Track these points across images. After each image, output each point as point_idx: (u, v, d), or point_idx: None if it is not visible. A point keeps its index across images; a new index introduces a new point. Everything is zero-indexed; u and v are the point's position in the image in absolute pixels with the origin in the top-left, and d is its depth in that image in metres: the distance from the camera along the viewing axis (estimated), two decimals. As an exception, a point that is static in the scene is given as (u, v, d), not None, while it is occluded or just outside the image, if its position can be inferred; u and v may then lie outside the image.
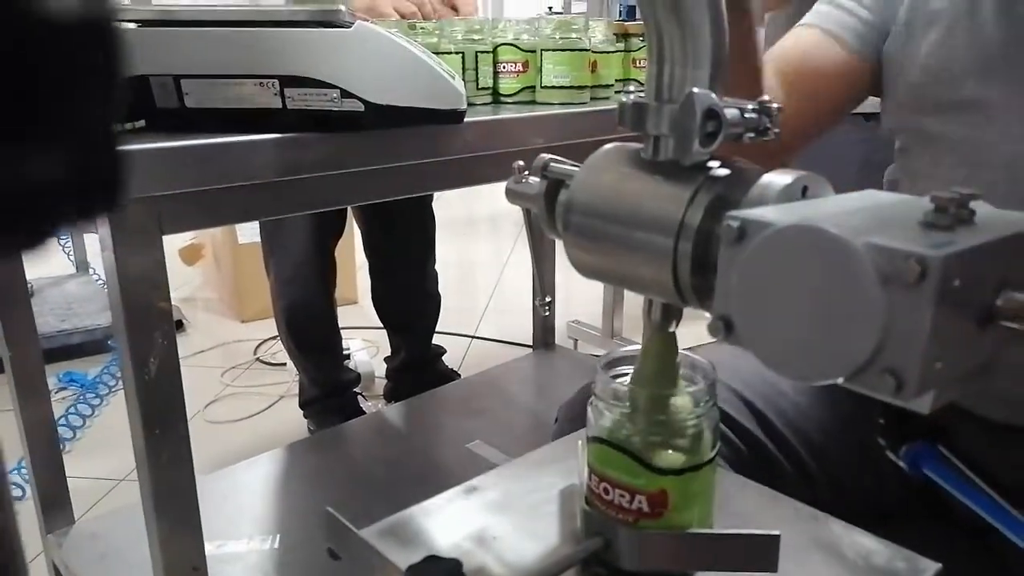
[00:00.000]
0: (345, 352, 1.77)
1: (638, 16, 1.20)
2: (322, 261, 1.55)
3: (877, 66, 0.73)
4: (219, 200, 0.70)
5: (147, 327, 0.68)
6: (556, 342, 1.86)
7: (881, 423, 0.31)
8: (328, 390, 1.62)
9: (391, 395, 1.78)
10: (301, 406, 1.65)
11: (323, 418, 1.59)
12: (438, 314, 1.81)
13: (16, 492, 1.41)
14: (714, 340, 0.32)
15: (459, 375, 1.83)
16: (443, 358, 1.85)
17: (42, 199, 0.16)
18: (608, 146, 0.42)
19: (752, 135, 0.36)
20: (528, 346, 1.90)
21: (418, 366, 1.77)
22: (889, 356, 0.28)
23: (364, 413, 1.61)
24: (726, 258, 0.32)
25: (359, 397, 1.69)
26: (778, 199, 0.34)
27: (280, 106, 0.71)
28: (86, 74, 0.17)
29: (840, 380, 0.29)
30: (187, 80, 0.70)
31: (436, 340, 1.84)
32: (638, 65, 1.18)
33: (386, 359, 1.83)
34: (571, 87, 1.02)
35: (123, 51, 0.18)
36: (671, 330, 0.42)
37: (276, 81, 0.70)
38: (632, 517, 0.42)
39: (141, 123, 0.73)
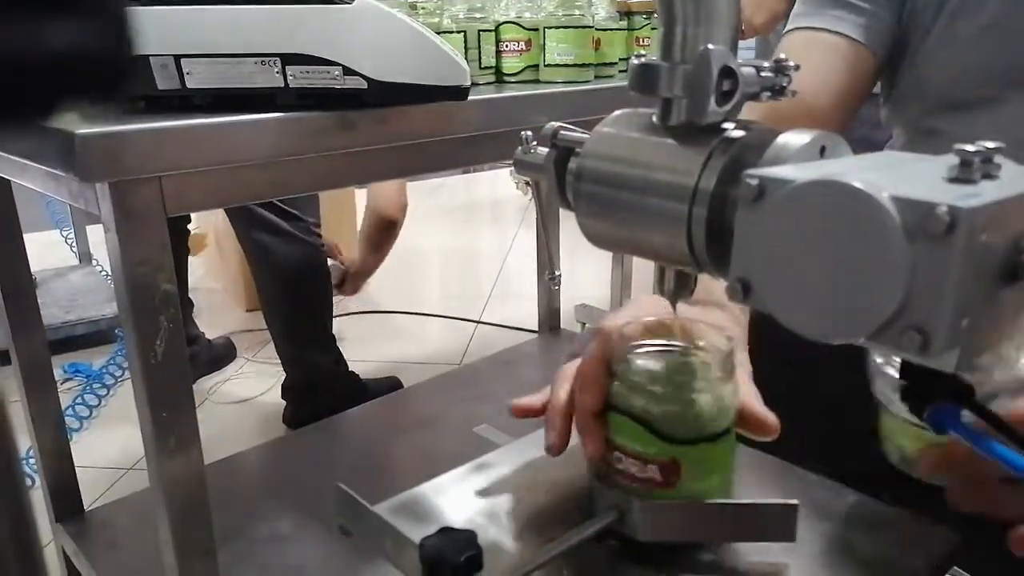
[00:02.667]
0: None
1: (641, -7, 1.18)
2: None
3: (883, 60, 0.71)
4: (222, 180, 0.70)
5: (152, 310, 0.67)
6: (562, 326, 1.85)
7: (903, 384, 0.31)
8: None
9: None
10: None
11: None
12: None
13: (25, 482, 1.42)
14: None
15: None
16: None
17: (54, 70, 0.16)
18: (618, 112, 0.41)
19: (768, 94, 0.35)
20: (533, 331, 1.90)
21: None
22: (914, 313, 0.27)
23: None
24: (744, 218, 0.31)
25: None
26: (796, 159, 0.33)
27: (282, 84, 0.70)
28: None
29: (862, 339, 0.29)
30: (188, 60, 0.69)
31: (440, 325, 1.83)
32: (642, 43, 1.17)
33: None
34: (575, 65, 1.00)
35: None
36: (685, 299, 0.42)
37: (278, 59, 0.69)
38: (645, 487, 0.42)
39: (142, 104, 0.72)
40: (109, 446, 1.61)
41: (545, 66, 1.02)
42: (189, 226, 1.98)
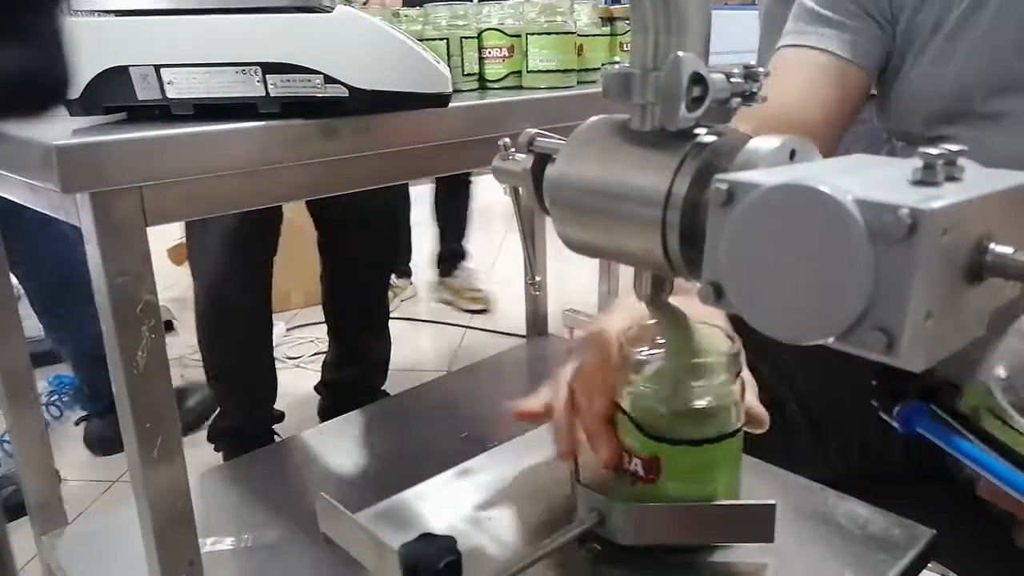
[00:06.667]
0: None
1: (623, 0, 1.19)
2: (248, 276, 1.39)
3: (873, 75, 0.72)
4: (204, 190, 0.69)
5: (134, 321, 0.67)
6: (550, 331, 1.85)
7: (873, 384, 0.31)
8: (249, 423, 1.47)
9: (325, 414, 1.61)
10: (210, 437, 1.49)
11: (236, 451, 1.41)
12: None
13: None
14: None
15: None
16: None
17: None
18: (594, 118, 0.42)
19: (739, 100, 0.35)
20: (521, 336, 1.90)
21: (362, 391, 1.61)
22: (879, 313, 0.28)
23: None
24: (715, 222, 0.32)
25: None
26: (765, 163, 0.34)
27: (263, 93, 0.70)
28: None
29: (831, 340, 0.29)
30: (168, 69, 0.69)
31: (428, 330, 1.79)
32: (624, 48, 1.17)
33: (326, 365, 1.65)
34: (557, 71, 1.01)
35: None
36: (664, 300, 0.42)
37: (258, 68, 0.69)
38: (629, 479, 0.43)
39: (123, 115, 0.72)
40: (95, 459, 1.59)
41: (528, 72, 1.02)
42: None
